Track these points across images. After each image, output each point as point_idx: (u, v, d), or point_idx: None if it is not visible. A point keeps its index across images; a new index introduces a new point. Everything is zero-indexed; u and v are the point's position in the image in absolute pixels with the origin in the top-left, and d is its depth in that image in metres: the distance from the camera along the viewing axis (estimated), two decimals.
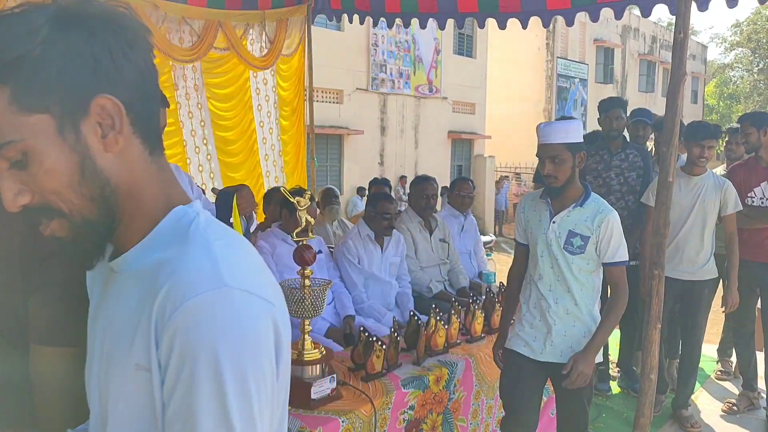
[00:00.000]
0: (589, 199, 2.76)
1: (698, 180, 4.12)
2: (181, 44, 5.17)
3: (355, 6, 5.46)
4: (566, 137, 2.67)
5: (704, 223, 4.11)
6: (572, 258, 2.75)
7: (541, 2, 4.73)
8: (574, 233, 2.74)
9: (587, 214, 2.73)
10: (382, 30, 16.52)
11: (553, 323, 2.79)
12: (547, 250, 2.80)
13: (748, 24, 37.59)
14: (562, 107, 24.09)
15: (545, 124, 2.75)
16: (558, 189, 2.73)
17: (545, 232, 2.80)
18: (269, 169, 6.23)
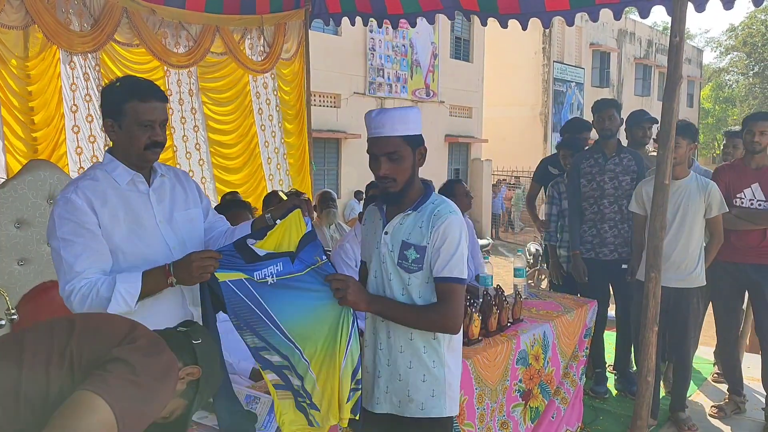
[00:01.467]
0: (427, 201, 2.27)
1: (681, 183, 4.05)
2: (176, 49, 5.17)
3: (356, 8, 5.47)
4: (405, 128, 2.18)
5: (690, 228, 4.03)
6: (409, 277, 2.25)
7: (539, 4, 4.76)
8: (408, 244, 2.23)
9: (423, 218, 2.23)
10: (379, 34, 16.55)
11: (382, 372, 2.35)
12: (380, 268, 2.32)
13: (743, 28, 37.73)
14: (558, 111, 24.16)
15: (378, 111, 2.22)
16: (395, 194, 2.22)
17: (378, 246, 2.31)
18: (273, 173, 6.23)
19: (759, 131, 4.24)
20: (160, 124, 2.25)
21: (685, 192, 4.02)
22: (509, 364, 3.42)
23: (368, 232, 2.45)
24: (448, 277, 2.21)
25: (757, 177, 4.32)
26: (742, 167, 4.41)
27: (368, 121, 2.22)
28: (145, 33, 4.78)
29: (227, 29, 5.44)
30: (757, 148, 4.27)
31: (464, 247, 2.22)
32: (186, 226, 2.48)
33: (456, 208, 2.26)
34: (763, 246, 4.31)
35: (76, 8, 4.44)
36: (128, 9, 4.64)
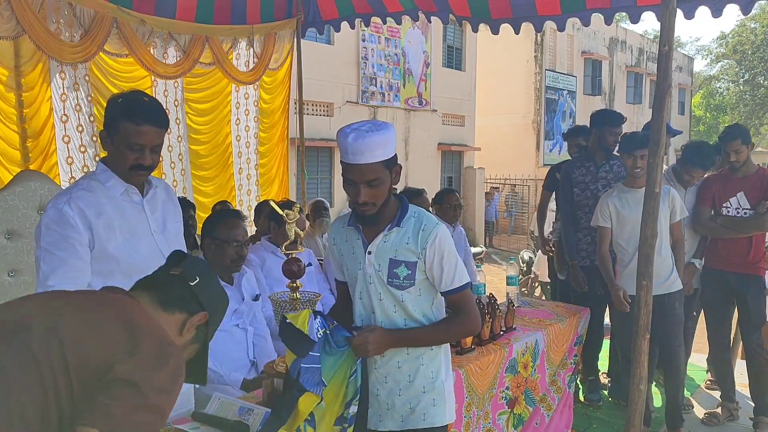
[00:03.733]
0: (407, 215, 2.23)
1: (643, 192, 4.09)
2: (165, 60, 5.16)
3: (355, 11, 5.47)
4: (384, 153, 2.07)
5: (660, 234, 3.92)
6: (401, 294, 2.22)
7: (531, 8, 4.78)
8: (397, 261, 2.20)
9: (408, 233, 2.20)
10: (372, 43, 16.59)
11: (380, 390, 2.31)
12: (366, 289, 2.26)
13: (733, 36, 38.00)
14: (551, 119, 24.24)
15: (354, 135, 2.05)
16: (373, 216, 2.16)
17: (362, 267, 2.25)
18: (242, 182, 6.26)
19: (733, 151, 4.31)
20: (151, 148, 2.23)
21: None
22: (498, 372, 3.42)
23: (345, 252, 2.33)
24: (459, 286, 2.24)
25: (742, 186, 4.37)
26: (728, 176, 4.46)
27: (344, 145, 2.06)
28: (134, 43, 4.78)
29: (216, 39, 5.44)
30: (737, 166, 4.35)
31: (456, 254, 2.25)
32: (177, 237, 2.50)
33: (435, 219, 2.26)
34: (749, 257, 4.36)
35: (67, 18, 4.44)
36: (118, 19, 4.64)
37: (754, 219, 4.31)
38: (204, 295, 1.64)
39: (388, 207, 2.19)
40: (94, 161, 4.82)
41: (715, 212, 4.46)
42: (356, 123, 2.10)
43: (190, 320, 1.60)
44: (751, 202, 4.32)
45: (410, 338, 2.25)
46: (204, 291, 1.64)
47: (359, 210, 2.15)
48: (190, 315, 1.60)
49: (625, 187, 4.13)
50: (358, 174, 2.08)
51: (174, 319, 1.58)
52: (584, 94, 26.40)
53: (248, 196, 6.29)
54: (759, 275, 4.40)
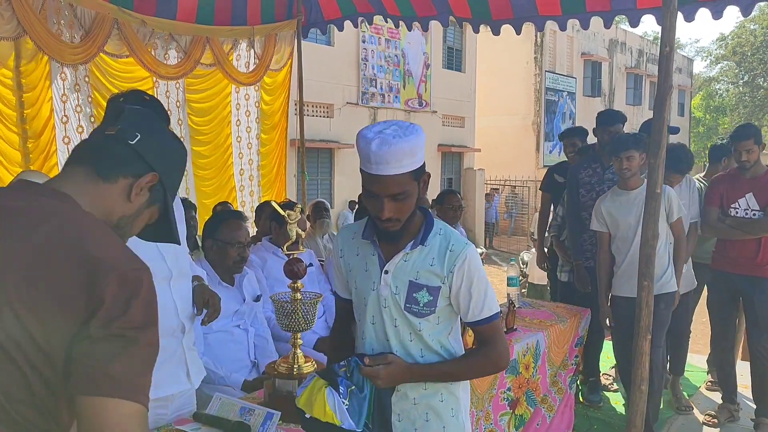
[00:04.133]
0: (432, 231, 1.94)
1: (636, 193, 3.97)
2: (166, 61, 5.17)
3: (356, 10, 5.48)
4: (413, 161, 1.79)
5: None
6: (419, 322, 1.94)
7: (532, 8, 4.78)
8: (418, 285, 1.91)
9: (433, 253, 1.92)
10: (372, 44, 16.60)
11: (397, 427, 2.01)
12: (380, 313, 1.96)
13: (732, 38, 38.04)
14: (550, 120, 24.25)
15: (379, 142, 1.74)
16: (396, 232, 1.88)
17: (376, 288, 1.95)
18: (244, 184, 6.27)
19: (744, 150, 4.24)
20: None
21: (641, 201, 3.88)
22: (499, 373, 3.42)
23: (356, 268, 2.03)
24: (489, 316, 1.96)
25: (751, 186, 4.30)
26: (737, 177, 4.39)
27: (366, 152, 1.77)
28: (135, 44, 4.78)
29: (217, 40, 5.44)
30: (747, 166, 4.28)
31: (486, 279, 1.97)
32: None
33: (464, 238, 1.98)
34: (758, 259, 4.28)
35: (67, 19, 4.44)
36: (119, 20, 4.64)
37: (764, 221, 4.24)
38: (149, 154, 1.40)
39: (411, 222, 1.91)
40: None
41: (723, 213, 4.40)
42: (379, 125, 1.81)
43: (137, 183, 1.38)
44: (760, 204, 4.26)
45: (431, 374, 1.98)
46: (148, 149, 1.41)
47: (381, 226, 1.87)
48: (136, 178, 1.38)
49: (619, 189, 4.09)
50: (382, 186, 1.78)
51: (117, 188, 1.37)
52: (584, 95, 26.41)
53: (250, 197, 6.30)
54: (767, 278, 4.32)
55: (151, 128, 1.44)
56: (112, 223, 1.37)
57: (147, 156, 1.39)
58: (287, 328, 2.42)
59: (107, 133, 1.39)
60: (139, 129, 1.40)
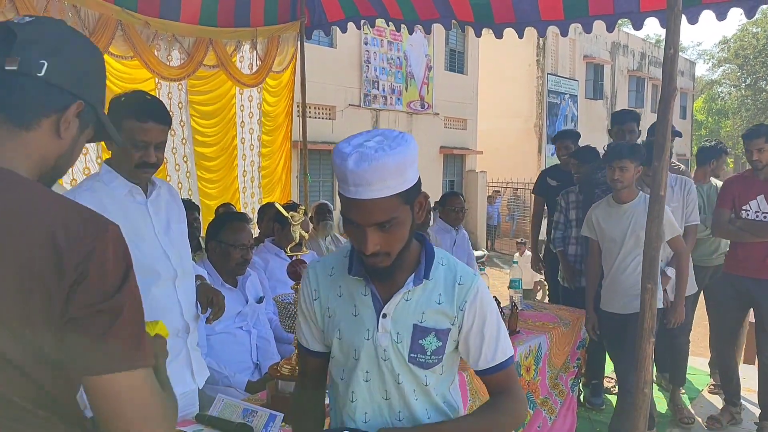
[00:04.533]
0: (434, 262, 1.62)
1: (628, 207, 3.83)
2: (169, 62, 5.17)
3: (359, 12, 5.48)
4: (403, 180, 1.43)
5: (637, 252, 3.67)
6: (425, 375, 1.61)
7: (535, 13, 4.78)
8: (425, 329, 1.58)
9: (439, 289, 1.60)
10: (374, 46, 16.60)
11: None
12: (378, 368, 1.61)
13: (735, 40, 38.01)
14: (552, 123, 24.24)
15: (357, 157, 1.38)
16: (388, 268, 1.53)
17: (372, 337, 1.59)
18: (246, 185, 6.28)
19: (756, 149, 4.20)
20: (155, 145, 2.25)
21: (634, 215, 3.79)
22: None
23: (340, 312, 1.64)
24: (503, 361, 1.65)
25: (763, 188, 4.25)
26: (750, 178, 4.34)
27: (342, 172, 1.41)
28: (139, 46, 4.79)
29: (220, 42, 5.45)
30: (759, 166, 4.23)
31: (499, 315, 1.68)
32: (181, 238, 2.50)
33: (470, 268, 1.67)
34: (767, 260, 4.23)
35: (71, 21, 4.44)
36: (123, 22, 4.65)
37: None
38: (66, 80, 1.18)
39: (408, 253, 1.56)
40: (96, 163, 4.82)
41: (735, 215, 4.35)
42: (361, 135, 1.46)
43: (64, 118, 1.19)
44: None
45: None
46: (62, 75, 1.17)
47: (367, 262, 1.52)
48: (61, 112, 1.19)
49: (612, 200, 3.94)
50: (363, 214, 1.43)
51: (43, 131, 1.17)
52: (586, 98, 26.40)
53: (252, 199, 6.31)
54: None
55: (56, 47, 1.18)
56: (50, 167, 1.22)
57: (64, 84, 1.18)
58: (290, 329, 2.42)
59: (7, 68, 1.12)
60: (43, 53, 1.15)
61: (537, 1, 4.68)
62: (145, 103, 2.27)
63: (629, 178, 3.76)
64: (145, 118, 2.21)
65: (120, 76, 4.91)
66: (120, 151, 2.25)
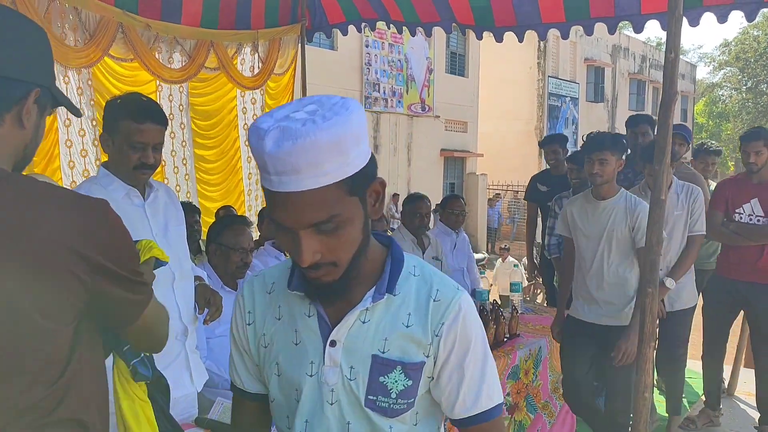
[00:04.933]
0: (403, 271, 1.22)
1: (607, 204, 3.44)
2: (170, 64, 5.17)
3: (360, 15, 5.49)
4: (343, 162, 1.05)
5: (621, 255, 3.43)
6: (390, 426, 1.21)
7: (536, 16, 4.78)
8: (388, 363, 1.19)
9: (408, 306, 1.20)
10: (375, 49, 16.62)
11: None
12: (321, 412, 1.21)
13: (736, 43, 38.03)
14: (553, 125, 24.25)
15: (278, 135, 1.01)
16: (336, 283, 1.14)
17: (316, 371, 1.21)
18: (251, 188, 6.27)
19: (754, 152, 4.18)
20: (153, 146, 2.26)
21: (612, 214, 3.42)
22: (501, 379, 3.41)
23: (281, 340, 1.25)
24: (488, 410, 1.23)
25: (757, 192, 4.23)
26: (744, 181, 4.33)
27: (260, 156, 1.04)
28: (140, 48, 4.79)
29: (221, 44, 5.45)
30: (754, 169, 4.20)
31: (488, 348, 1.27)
32: (179, 241, 2.49)
33: (453, 281, 1.25)
34: (759, 264, 4.22)
35: (71, 23, 4.44)
36: (123, 24, 4.65)
37: (766, 228, 4.17)
38: (18, 70, 1.17)
39: (365, 260, 1.15)
40: (94, 165, 4.83)
41: (728, 218, 4.33)
42: (287, 106, 1.09)
43: (24, 109, 1.18)
44: (765, 210, 4.19)
45: None
46: (14, 65, 1.16)
47: (309, 276, 1.13)
48: (22, 103, 1.18)
49: (591, 195, 3.54)
50: (292, 212, 1.05)
51: (7, 126, 1.17)
52: (587, 101, 26.42)
53: (256, 201, 6.30)
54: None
55: (5, 39, 1.15)
56: (19, 158, 1.24)
57: (19, 75, 1.16)
58: None
59: None
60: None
61: (538, 4, 4.68)
62: (142, 104, 2.27)
63: (610, 172, 3.37)
64: (142, 119, 2.21)
65: (121, 79, 4.91)
66: (118, 152, 2.25)
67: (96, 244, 1.14)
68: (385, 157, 17.58)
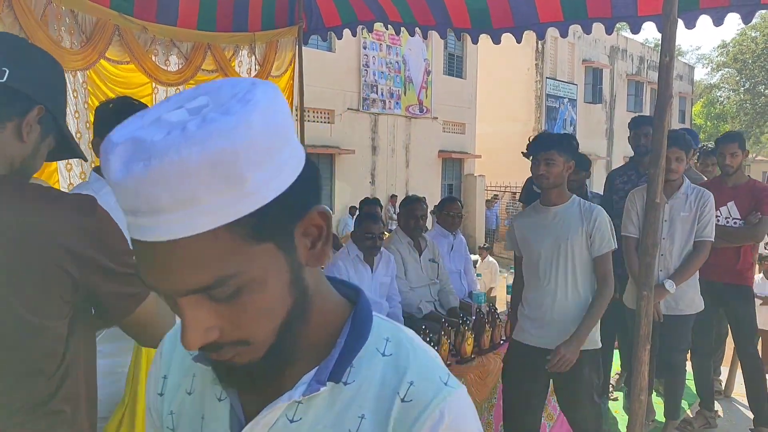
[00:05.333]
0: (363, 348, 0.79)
1: (558, 211, 3.09)
2: (167, 67, 5.16)
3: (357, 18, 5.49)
4: (241, 196, 0.65)
5: (567, 268, 3.07)
6: None
7: (533, 16, 4.78)
8: None
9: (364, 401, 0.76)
10: (373, 51, 16.63)
11: None
12: None
13: (734, 45, 38.08)
14: (551, 127, 24.26)
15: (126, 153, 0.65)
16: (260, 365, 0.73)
17: None
18: None
19: (729, 153, 4.31)
20: None
21: (563, 223, 3.07)
22: (498, 382, 3.41)
23: (182, 417, 0.88)
24: None
25: (732, 195, 4.37)
26: (719, 185, 4.43)
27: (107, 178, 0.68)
28: (136, 50, 4.78)
29: (218, 47, 5.44)
30: (730, 171, 4.34)
31: None
32: None
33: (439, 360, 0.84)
34: (737, 267, 4.36)
35: (68, 26, 4.43)
36: (120, 26, 4.64)
37: (745, 229, 4.31)
38: (26, 86, 1.25)
39: (305, 329, 0.77)
40: (90, 167, 4.83)
41: None
42: (168, 101, 0.72)
43: (25, 121, 1.26)
44: (741, 212, 4.33)
45: None
46: (23, 81, 1.25)
47: (209, 356, 0.75)
48: (22, 117, 1.26)
49: (540, 205, 3.21)
50: (158, 272, 0.67)
51: (7, 134, 1.25)
52: (585, 102, 26.44)
53: None
54: (747, 285, 4.43)
55: (18, 56, 1.27)
56: (16, 169, 1.29)
57: (25, 90, 1.25)
58: None
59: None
60: (4, 61, 1.23)
61: (535, 5, 4.68)
62: (135, 107, 2.29)
63: (557, 173, 3.03)
64: None
65: (115, 81, 4.89)
66: None
67: (86, 239, 1.22)
68: (383, 159, 17.60)
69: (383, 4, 5.18)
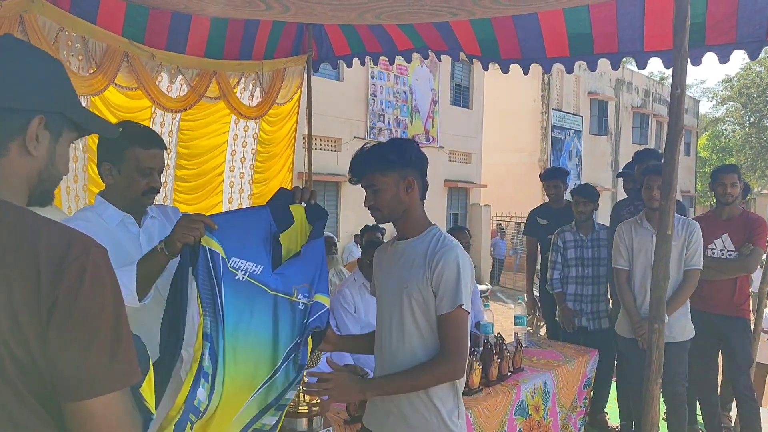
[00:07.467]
0: None
1: (406, 246, 2.38)
2: (170, 92, 5.17)
3: (365, 48, 5.54)
4: None
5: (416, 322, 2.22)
6: None
7: (540, 51, 4.83)
8: None
9: None
10: (381, 80, 16.75)
11: None
12: None
13: (738, 79, 38.24)
14: (557, 158, 24.31)
15: None
16: None
17: None
18: None
19: (730, 183, 4.34)
20: (158, 170, 2.33)
21: (408, 261, 2.31)
22: (507, 415, 3.35)
23: None
24: None
25: (726, 228, 4.40)
26: (713, 218, 4.50)
27: None
28: (143, 76, 4.81)
29: (224, 74, 5.46)
30: (729, 200, 4.36)
31: None
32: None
33: None
34: (734, 299, 4.35)
35: (77, 52, 4.47)
36: (129, 53, 4.67)
37: (739, 261, 4.32)
38: (20, 98, 1.16)
39: None
40: (83, 191, 4.82)
41: None
42: None
43: (28, 137, 1.16)
44: (735, 244, 4.35)
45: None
46: (14, 95, 1.15)
47: None
48: (23, 132, 1.16)
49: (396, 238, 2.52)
50: None
51: (13, 155, 1.16)
52: (590, 133, 26.51)
53: None
54: (743, 317, 4.40)
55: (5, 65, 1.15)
56: (34, 185, 1.21)
57: (16, 104, 1.15)
58: None
59: None
60: None
61: (543, 39, 4.72)
62: (145, 130, 2.38)
63: (386, 200, 2.37)
64: (149, 145, 2.28)
65: (117, 106, 4.89)
66: (124, 180, 2.27)
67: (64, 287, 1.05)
68: None
69: (393, 35, 5.23)
